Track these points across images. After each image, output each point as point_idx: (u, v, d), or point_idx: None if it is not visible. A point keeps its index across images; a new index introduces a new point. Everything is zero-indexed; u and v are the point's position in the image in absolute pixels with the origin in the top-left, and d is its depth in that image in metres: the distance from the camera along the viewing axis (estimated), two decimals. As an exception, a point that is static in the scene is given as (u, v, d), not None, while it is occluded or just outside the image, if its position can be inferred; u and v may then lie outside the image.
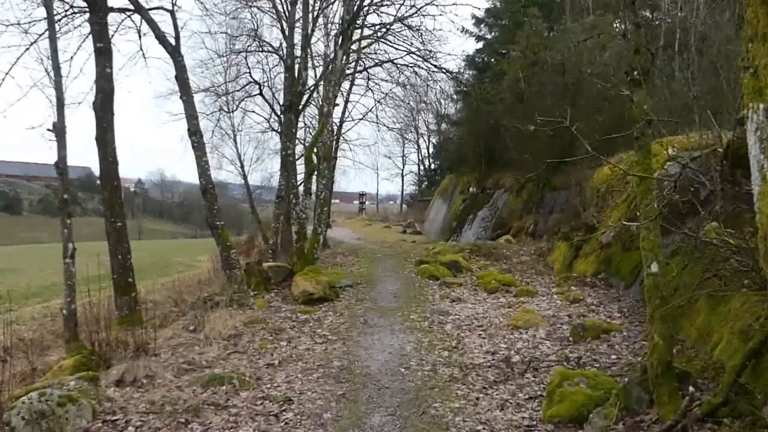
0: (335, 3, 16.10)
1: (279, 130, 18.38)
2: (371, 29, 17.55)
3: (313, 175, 13.22)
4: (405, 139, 40.36)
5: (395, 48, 17.63)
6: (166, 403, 4.68)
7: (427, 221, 28.78)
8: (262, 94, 19.04)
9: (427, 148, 41.31)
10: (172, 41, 10.56)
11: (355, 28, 14.99)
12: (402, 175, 44.62)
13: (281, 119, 17.01)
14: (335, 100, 12.82)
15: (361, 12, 14.67)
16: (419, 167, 43.11)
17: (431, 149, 40.30)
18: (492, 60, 22.49)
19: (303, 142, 19.63)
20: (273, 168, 38.48)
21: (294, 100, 13.08)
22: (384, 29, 16.86)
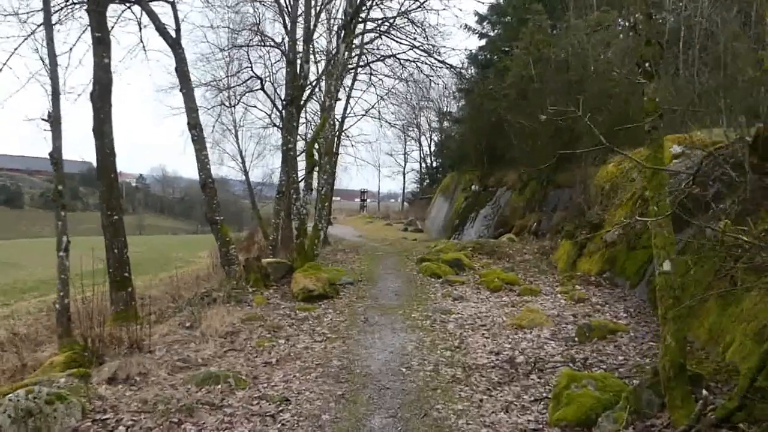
0: (338, -3, 15.99)
1: (280, 125, 18.22)
2: (374, 23, 17.39)
3: (314, 171, 13.05)
4: (407, 137, 40.23)
5: (398, 42, 17.43)
6: (158, 402, 4.52)
7: (429, 219, 28.62)
8: (263, 88, 18.91)
9: (429, 145, 41.15)
10: (172, 33, 10.42)
11: (358, 22, 14.81)
12: (403, 173, 44.34)
13: (282, 114, 16.85)
14: (337, 94, 12.64)
15: (364, 6, 14.49)
16: (421, 165, 42.89)
17: (433, 147, 40.12)
18: (495, 57, 22.30)
19: (304, 137, 19.47)
20: (274, 164, 38.41)
21: (295, 94, 12.92)
22: (387, 24, 16.68)
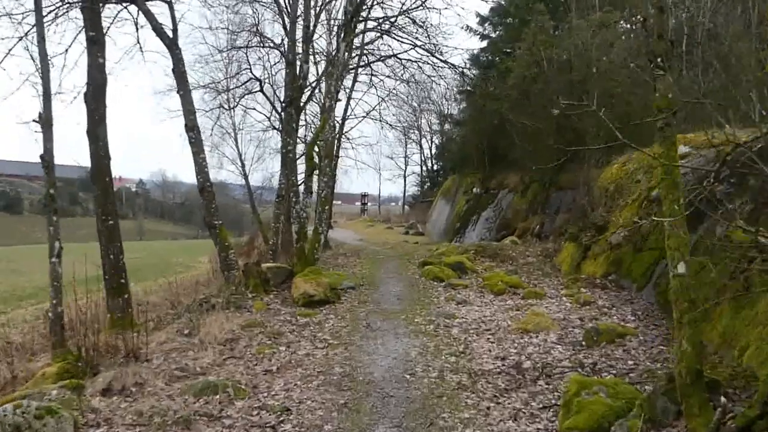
0: (338, -2, 15.86)
1: (280, 128, 18.09)
2: (375, 22, 17.23)
3: (314, 174, 12.90)
4: (408, 139, 40.08)
5: (400, 41, 17.26)
6: (154, 414, 4.35)
7: (430, 222, 28.46)
8: (262, 90, 18.80)
9: (430, 148, 41.02)
10: (170, 33, 10.25)
11: (359, 21, 14.67)
12: (404, 176, 44.19)
13: (282, 116, 16.71)
14: (337, 95, 12.51)
15: (365, 4, 14.36)
16: (422, 168, 42.76)
17: (434, 150, 39.98)
18: (497, 58, 22.17)
19: (304, 140, 19.32)
20: (274, 168, 38.16)
21: (295, 95, 12.76)
22: (388, 23, 16.52)
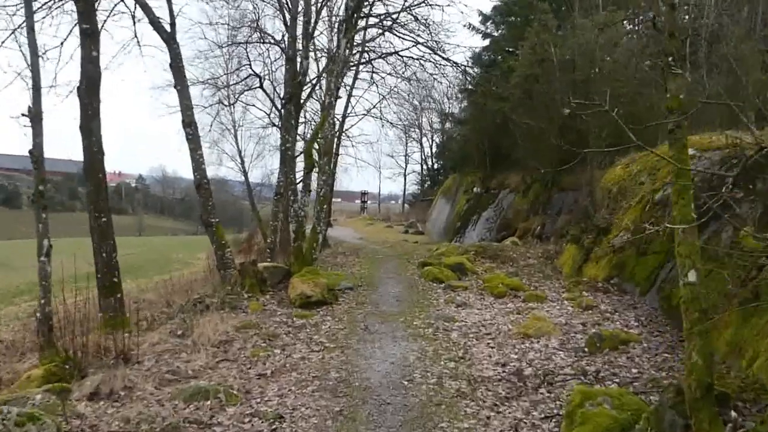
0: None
1: (280, 125, 17.92)
2: (377, 19, 17.04)
3: (313, 171, 12.72)
4: (408, 137, 39.93)
5: (401, 38, 17.07)
6: (142, 421, 4.19)
7: (430, 221, 28.31)
8: (262, 87, 18.63)
9: (431, 147, 40.87)
10: (167, 27, 10.10)
11: (360, 17, 14.48)
12: (404, 175, 44.09)
13: (281, 114, 16.54)
14: (337, 92, 12.33)
15: (366, 0, 14.16)
16: (422, 166, 42.61)
17: (434, 148, 39.83)
18: (499, 57, 21.99)
19: (303, 137, 19.16)
20: (273, 165, 38.06)
21: (294, 91, 12.58)
22: (390, 20, 16.33)
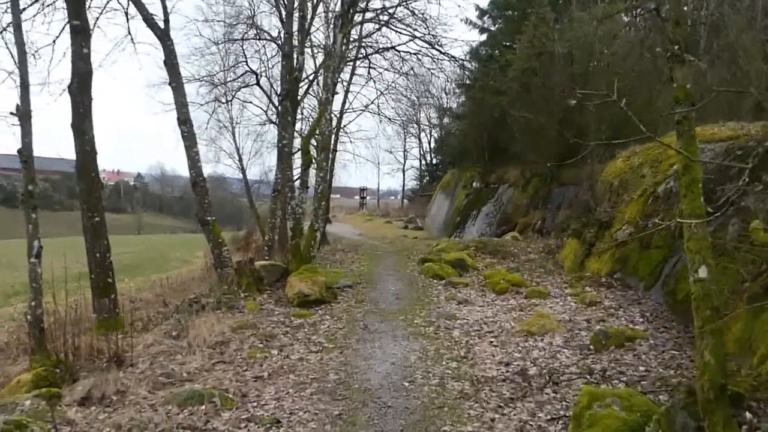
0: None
1: (277, 121, 17.74)
2: (373, 13, 16.86)
3: (311, 168, 12.55)
4: (407, 133, 39.76)
5: (398, 33, 16.88)
6: (133, 428, 4.05)
7: (429, 217, 28.16)
8: (259, 84, 18.42)
9: (429, 142, 40.74)
10: (161, 24, 9.92)
11: (356, 12, 14.30)
12: (403, 170, 44.02)
13: (279, 110, 16.37)
14: (335, 88, 12.17)
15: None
16: (421, 162, 42.49)
17: (433, 144, 39.69)
18: (496, 52, 21.82)
19: (301, 134, 18.99)
20: (271, 162, 37.69)
21: (291, 87, 12.41)
22: (387, 14, 16.14)
